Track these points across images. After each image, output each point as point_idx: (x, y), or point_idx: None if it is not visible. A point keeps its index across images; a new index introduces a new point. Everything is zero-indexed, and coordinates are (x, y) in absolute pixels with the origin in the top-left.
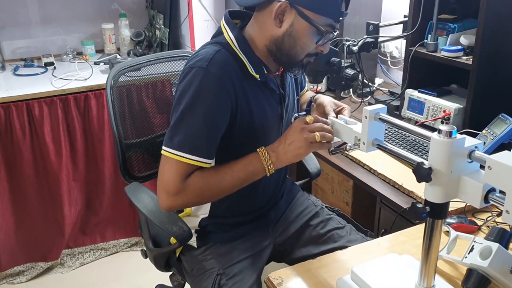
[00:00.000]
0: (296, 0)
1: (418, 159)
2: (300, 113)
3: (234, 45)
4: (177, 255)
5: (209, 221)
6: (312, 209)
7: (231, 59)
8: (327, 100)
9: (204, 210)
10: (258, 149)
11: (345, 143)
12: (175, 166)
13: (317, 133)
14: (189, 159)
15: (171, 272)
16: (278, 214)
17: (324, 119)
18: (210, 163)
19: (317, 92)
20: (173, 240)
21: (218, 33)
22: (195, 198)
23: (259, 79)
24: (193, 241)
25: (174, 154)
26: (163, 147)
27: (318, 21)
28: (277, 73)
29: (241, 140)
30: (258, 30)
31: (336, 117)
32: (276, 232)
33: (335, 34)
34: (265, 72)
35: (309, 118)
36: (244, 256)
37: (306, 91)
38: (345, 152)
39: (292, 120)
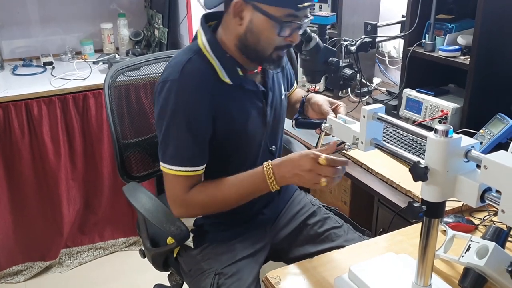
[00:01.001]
0: None
1: (416, 158)
2: (297, 117)
3: (207, 50)
4: (174, 256)
5: (204, 220)
6: (310, 208)
7: (203, 65)
8: (321, 99)
9: None
10: (264, 165)
11: (343, 142)
12: (175, 180)
13: (323, 179)
14: (185, 171)
15: (169, 272)
16: (275, 212)
17: (339, 159)
18: (203, 168)
19: (315, 92)
20: (170, 240)
21: (196, 37)
22: (199, 210)
23: (230, 83)
24: (189, 241)
25: (169, 169)
26: (160, 162)
27: (275, 13)
28: (256, 70)
29: (225, 143)
30: (226, 31)
31: (336, 116)
32: (273, 231)
33: (304, 22)
34: (240, 73)
35: (321, 160)
36: (242, 255)
37: (296, 88)
38: (344, 151)
39: (292, 123)
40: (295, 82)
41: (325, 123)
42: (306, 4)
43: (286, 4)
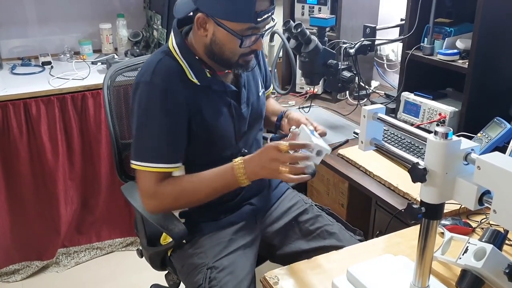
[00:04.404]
0: (211, 11)
1: (415, 159)
2: (275, 136)
3: (176, 52)
4: (169, 255)
5: (192, 209)
6: (302, 205)
7: (173, 66)
8: (301, 116)
9: None
10: (234, 161)
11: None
12: (145, 176)
13: (286, 167)
14: (155, 167)
15: (166, 272)
16: (265, 205)
17: (300, 143)
18: (175, 167)
19: (314, 94)
20: (163, 239)
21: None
22: (170, 204)
23: (198, 83)
24: None
25: (139, 165)
26: (131, 161)
27: (235, 28)
28: (227, 71)
29: (199, 142)
30: (194, 38)
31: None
32: (264, 223)
33: (266, 30)
34: (208, 75)
35: (283, 147)
36: (233, 248)
37: (270, 92)
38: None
39: (269, 140)
40: (271, 86)
41: (295, 128)
42: (264, 16)
43: (245, 20)
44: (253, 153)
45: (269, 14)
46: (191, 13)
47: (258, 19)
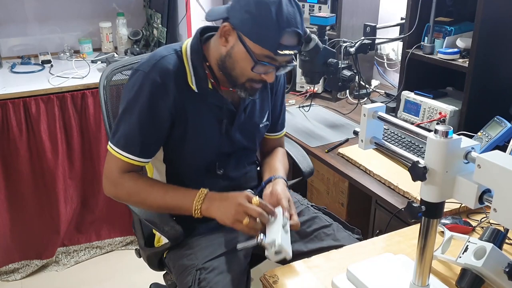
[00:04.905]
0: (238, 25)
1: (415, 157)
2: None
3: (186, 53)
4: (164, 256)
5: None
6: (298, 207)
7: (176, 66)
8: (284, 194)
9: None
10: (200, 190)
11: (257, 243)
12: (113, 159)
13: (246, 218)
14: (123, 155)
15: (164, 271)
16: None
17: (269, 208)
18: (143, 162)
19: (314, 93)
20: (156, 242)
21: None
22: (125, 196)
23: (195, 90)
24: None
25: (112, 149)
26: (109, 141)
27: (254, 49)
28: (231, 89)
29: (179, 148)
30: (214, 45)
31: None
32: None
33: (285, 67)
34: (210, 86)
35: (254, 200)
36: (225, 249)
37: (283, 135)
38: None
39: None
40: (283, 130)
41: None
42: (285, 52)
43: (267, 46)
44: (223, 193)
45: (292, 52)
46: (221, 21)
47: (279, 51)
